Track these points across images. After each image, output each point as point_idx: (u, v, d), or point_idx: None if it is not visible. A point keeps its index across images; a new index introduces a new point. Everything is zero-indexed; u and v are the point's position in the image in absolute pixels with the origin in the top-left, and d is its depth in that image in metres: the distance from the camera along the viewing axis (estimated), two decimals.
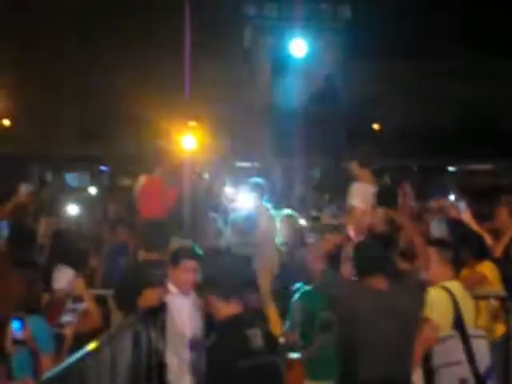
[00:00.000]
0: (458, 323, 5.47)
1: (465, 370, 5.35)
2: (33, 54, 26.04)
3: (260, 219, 8.10)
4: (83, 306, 5.82)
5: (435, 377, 5.39)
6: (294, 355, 6.16)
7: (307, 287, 6.34)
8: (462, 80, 31.42)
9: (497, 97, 31.51)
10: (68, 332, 5.50)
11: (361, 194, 7.58)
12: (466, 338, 5.41)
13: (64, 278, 6.40)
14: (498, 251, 7.53)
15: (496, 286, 7.08)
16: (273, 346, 4.43)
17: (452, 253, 5.85)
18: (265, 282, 6.96)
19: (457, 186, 11.15)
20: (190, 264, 5.64)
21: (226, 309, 4.40)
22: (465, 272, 6.82)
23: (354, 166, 7.84)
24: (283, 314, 6.79)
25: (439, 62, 31.60)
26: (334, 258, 5.72)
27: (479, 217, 9.04)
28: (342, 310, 5.00)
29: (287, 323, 6.54)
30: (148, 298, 5.43)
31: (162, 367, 5.42)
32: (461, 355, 5.38)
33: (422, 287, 5.16)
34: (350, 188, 7.67)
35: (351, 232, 6.86)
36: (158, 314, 5.41)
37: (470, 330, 5.50)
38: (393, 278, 4.97)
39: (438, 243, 6.01)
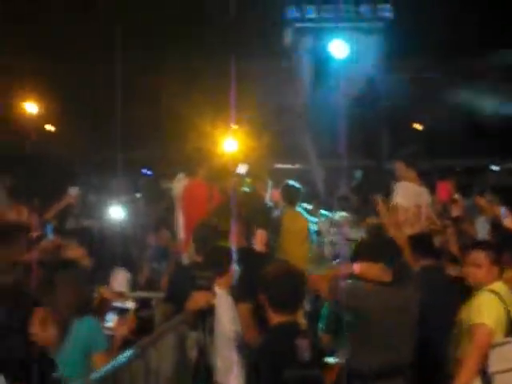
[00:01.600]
0: (511, 327, 5.43)
1: None
2: (78, 60, 26.33)
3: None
4: (129, 305, 5.88)
5: (492, 382, 5.35)
6: (330, 359, 6.21)
7: None
8: (501, 79, 31.11)
9: None
10: (118, 331, 5.56)
11: (405, 192, 7.61)
12: None
13: (122, 280, 6.55)
14: None
15: None
16: (319, 358, 4.45)
17: (497, 254, 5.83)
18: None
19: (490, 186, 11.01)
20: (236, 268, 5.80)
21: (279, 316, 4.46)
22: (507, 275, 6.77)
23: (399, 166, 7.86)
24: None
25: (479, 61, 31.35)
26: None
27: None
28: (351, 306, 5.20)
29: (319, 326, 6.59)
30: (196, 300, 5.49)
31: (209, 369, 5.48)
32: None
33: (415, 279, 5.50)
34: (395, 186, 7.71)
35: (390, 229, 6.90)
36: (205, 316, 5.47)
37: None
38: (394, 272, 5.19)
39: (485, 245, 5.99)
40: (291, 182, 9.32)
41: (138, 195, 17.73)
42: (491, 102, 31.52)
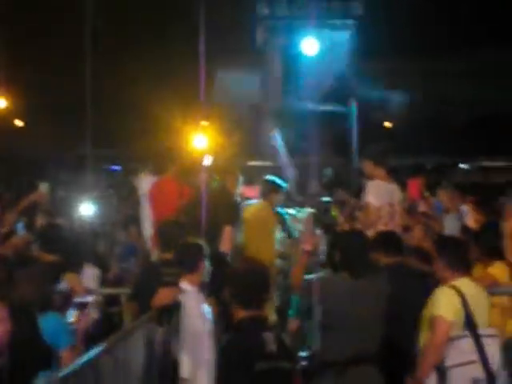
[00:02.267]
0: (469, 322, 5.49)
1: (477, 370, 5.38)
2: (48, 56, 26.17)
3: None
4: (88, 299, 5.84)
5: (447, 377, 5.42)
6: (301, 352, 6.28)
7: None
8: (472, 77, 31.38)
9: (508, 93, 31.47)
10: (79, 326, 5.54)
11: (376, 190, 7.64)
12: (477, 338, 5.44)
13: (91, 276, 6.53)
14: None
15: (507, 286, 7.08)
16: (285, 351, 4.51)
17: (461, 252, 5.88)
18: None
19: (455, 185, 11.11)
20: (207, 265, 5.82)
21: (245, 312, 4.51)
22: (477, 271, 6.82)
23: (367, 165, 7.88)
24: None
25: (451, 59, 31.59)
26: None
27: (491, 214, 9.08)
28: (321, 296, 5.43)
29: (290, 312, 6.70)
30: (162, 297, 5.50)
31: (175, 365, 5.49)
32: (473, 355, 5.40)
33: (383, 270, 5.78)
34: (366, 185, 7.74)
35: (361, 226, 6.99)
36: (171, 312, 5.48)
37: (482, 329, 5.52)
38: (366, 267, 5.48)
39: (444, 242, 6.05)
40: (267, 177, 9.25)
41: (111, 191, 17.67)
42: (460, 99, 31.78)
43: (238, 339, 4.44)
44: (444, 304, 5.50)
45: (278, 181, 9.13)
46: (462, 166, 31.64)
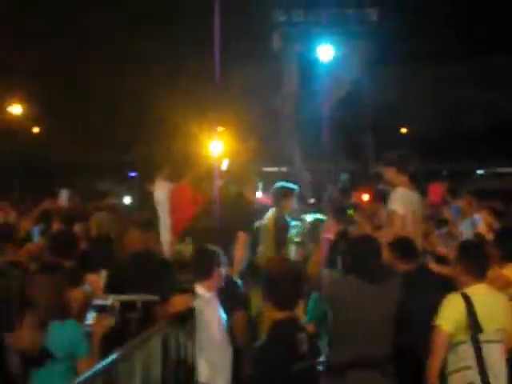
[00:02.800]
0: (472, 328, 5.50)
1: (474, 375, 5.40)
2: (62, 63, 26.33)
3: None
4: (107, 302, 5.85)
5: (446, 382, 5.48)
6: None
7: None
8: (487, 84, 31.33)
9: None
10: (97, 328, 5.54)
11: (400, 198, 7.60)
12: (477, 344, 5.45)
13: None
14: None
15: None
16: (315, 350, 4.67)
17: (481, 257, 5.88)
18: None
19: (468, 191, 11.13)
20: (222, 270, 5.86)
21: (281, 313, 4.57)
22: (492, 273, 6.82)
23: (390, 172, 7.83)
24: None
25: (465, 65, 31.56)
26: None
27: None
28: (332, 299, 5.48)
29: (306, 317, 6.71)
30: (175, 303, 5.51)
31: (191, 371, 5.50)
32: (471, 360, 5.42)
33: (397, 276, 5.76)
34: (392, 192, 7.70)
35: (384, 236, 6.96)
36: (186, 319, 5.50)
37: (485, 334, 5.51)
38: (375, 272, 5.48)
39: (461, 249, 6.05)
40: (277, 184, 9.19)
41: (129, 197, 17.73)
42: (476, 105, 31.72)
43: (275, 340, 4.53)
44: (445, 313, 5.54)
45: (288, 185, 9.07)
46: (478, 172, 31.58)
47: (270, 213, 8.83)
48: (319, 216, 9.84)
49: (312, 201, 15.12)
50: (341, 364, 5.27)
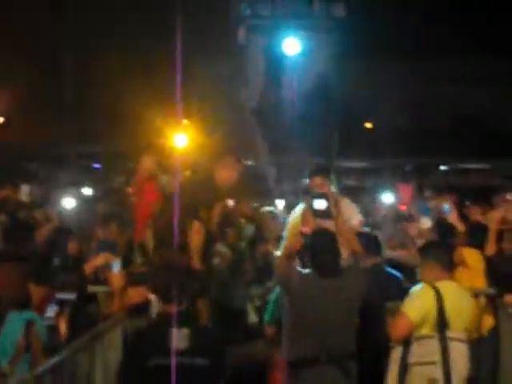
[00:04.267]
0: (440, 324, 5.53)
1: (436, 371, 5.44)
2: (29, 54, 26.06)
3: None
4: (69, 296, 5.83)
5: (407, 372, 5.49)
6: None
7: None
8: (452, 81, 31.55)
9: (489, 97, 31.71)
10: (62, 324, 5.53)
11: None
12: (444, 340, 5.48)
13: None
14: (490, 249, 7.63)
15: (476, 274, 7.22)
16: (202, 348, 4.33)
17: (443, 254, 5.93)
18: None
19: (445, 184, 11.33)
20: None
21: (164, 306, 4.49)
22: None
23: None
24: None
25: (432, 62, 31.73)
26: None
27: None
28: (291, 291, 5.44)
29: (265, 318, 6.68)
30: (131, 296, 5.52)
31: None
32: (436, 356, 5.46)
33: (364, 272, 5.71)
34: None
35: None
36: (141, 311, 5.49)
37: (452, 332, 5.55)
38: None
39: (425, 247, 6.10)
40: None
41: (89, 189, 17.63)
42: (441, 101, 31.92)
43: (146, 332, 4.48)
44: (414, 302, 5.55)
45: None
46: (442, 167, 31.80)
47: None
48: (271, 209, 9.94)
49: (276, 194, 15.21)
50: (298, 360, 5.25)
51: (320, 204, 5.66)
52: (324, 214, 5.70)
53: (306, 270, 5.54)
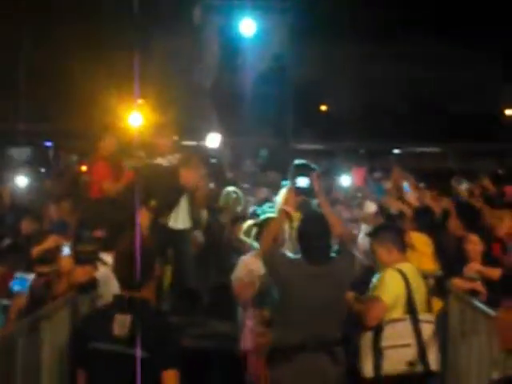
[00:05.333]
0: (410, 306, 5.56)
1: (412, 353, 5.47)
2: None
3: None
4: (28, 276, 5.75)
5: (382, 357, 5.50)
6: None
7: None
8: (410, 63, 31.75)
9: (444, 80, 31.99)
10: (15, 302, 5.45)
11: None
12: (416, 322, 5.52)
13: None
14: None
15: (424, 257, 7.30)
16: (144, 338, 4.07)
17: (398, 236, 5.97)
18: None
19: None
20: None
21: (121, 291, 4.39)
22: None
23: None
24: None
25: (387, 44, 31.86)
26: None
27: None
28: (278, 277, 5.37)
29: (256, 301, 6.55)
30: (77, 274, 5.47)
31: None
32: (410, 339, 5.49)
33: (351, 256, 5.70)
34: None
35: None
36: (88, 290, 5.43)
37: (422, 314, 5.60)
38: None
39: (381, 231, 6.12)
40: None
41: (39, 167, 17.46)
42: (394, 85, 32.10)
43: (90, 315, 4.42)
44: (386, 286, 5.57)
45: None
46: (395, 151, 32.01)
47: None
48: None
49: (230, 175, 15.23)
50: (286, 346, 5.18)
51: (303, 182, 5.61)
52: (307, 192, 5.65)
53: (295, 256, 5.41)
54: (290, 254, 5.44)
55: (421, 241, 7.43)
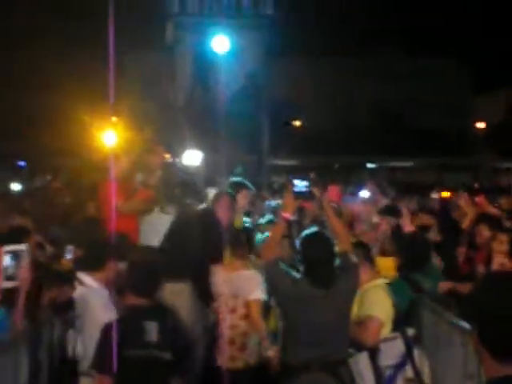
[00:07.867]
0: (399, 324, 5.54)
1: (409, 371, 5.45)
2: None
3: None
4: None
5: (384, 376, 5.45)
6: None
7: None
8: (381, 80, 32.00)
9: (414, 95, 32.26)
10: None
11: None
12: (407, 340, 5.50)
13: None
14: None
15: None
16: (168, 343, 4.37)
17: (369, 253, 5.97)
18: None
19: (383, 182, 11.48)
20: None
21: (135, 299, 4.48)
22: (384, 263, 6.98)
23: None
24: None
25: (361, 60, 32.11)
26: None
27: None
28: (277, 292, 5.31)
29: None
30: (55, 294, 5.42)
31: (71, 362, 5.37)
32: (404, 357, 5.47)
33: (356, 269, 5.30)
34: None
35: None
36: (66, 309, 5.38)
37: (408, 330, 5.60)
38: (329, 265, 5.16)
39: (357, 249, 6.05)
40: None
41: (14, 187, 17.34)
42: (368, 100, 32.30)
43: (118, 323, 4.42)
44: (378, 304, 5.49)
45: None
46: (369, 165, 32.18)
47: None
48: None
49: (205, 193, 15.12)
50: (291, 366, 5.08)
51: (301, 185, 5.50)
52: (306, 195, 5.52)
53: (298, 276, 5.18)
54: (293, 273, 5.21)
55: (386, 265, 7.29)
